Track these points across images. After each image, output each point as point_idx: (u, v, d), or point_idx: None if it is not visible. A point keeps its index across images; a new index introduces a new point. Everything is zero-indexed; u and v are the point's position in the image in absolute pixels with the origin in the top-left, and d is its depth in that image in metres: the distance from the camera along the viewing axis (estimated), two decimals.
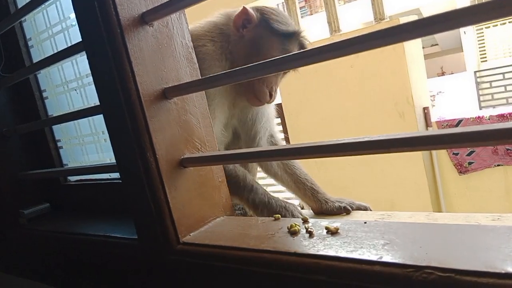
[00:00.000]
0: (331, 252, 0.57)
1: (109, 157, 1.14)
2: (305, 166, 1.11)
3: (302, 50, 0.59)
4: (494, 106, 10.18)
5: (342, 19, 3.88)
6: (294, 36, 1.06)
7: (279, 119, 3.98)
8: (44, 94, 1.23)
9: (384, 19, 3.59)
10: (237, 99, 1.08)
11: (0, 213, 1.22)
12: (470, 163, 3.34)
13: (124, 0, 0.71)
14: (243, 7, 1.03)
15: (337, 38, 3.74)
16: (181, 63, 0.80)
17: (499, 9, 0.41)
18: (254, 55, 1.02)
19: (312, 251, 0.59)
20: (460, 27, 0.47)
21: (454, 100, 11.87)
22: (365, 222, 0.66)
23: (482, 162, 3.29)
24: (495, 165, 3.25)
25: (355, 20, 11.00)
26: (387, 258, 0.53)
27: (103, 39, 0.71)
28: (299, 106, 3.93)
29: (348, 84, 3.64)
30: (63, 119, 1.03)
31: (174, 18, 0.79)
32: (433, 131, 0.53)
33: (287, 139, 3.81)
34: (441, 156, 3.50)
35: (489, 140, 0.47)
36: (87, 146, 1.19)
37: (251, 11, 1.03)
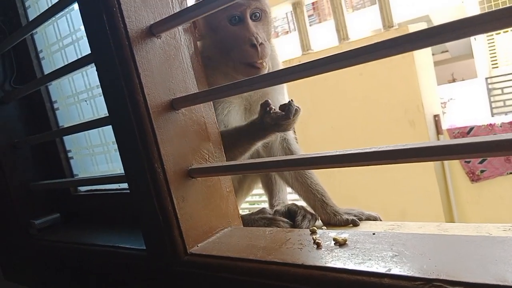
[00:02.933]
0: (338, 264, 0.57)
1: (118, 167, 1.15)
2: (317, 173, 1.10)
3: (311, 60, 0.58)
4: (506, 113, 10.07)
5: (350, 27, 3.89)
6: None
7: None
8: (55, 105, 1.25)
9: (393, 26, 3.58)
10: (252, 104, 1.08)
11: (11, 224, 1.23)
12: (482, 171, 3.29)
13: (132, 12, 0.72)
14: None
15: (345, 46, 3.74)
16: (189, 74, 0.80)
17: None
18: (216, 39, 0.98)
19: (319, 263, 0.59)
20: (471, 36, 0.46)
21: (466, 107, 11.77)
22: (374, 233, 0.65)
23: (494, 170, 3.24)
24: (507, 173, 3.20)
25: (364, 27, 10.99)
26: (396, 270, 0.52)
27: (112, 51, 0.72)
28: (308, 114, 3.92)
29: (357, 92, 3.63)
30: (73, 130, 1.04)
31: (181, 30, 0.80)
32: (443, 141, 0.52)
33: None
34: (453, 164, 3.46)
35: (499, 151, 0.46)
36: (97, 156, 1.20)
37: None
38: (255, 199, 4.21)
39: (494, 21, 0.42)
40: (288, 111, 0.81)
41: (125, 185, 1.08)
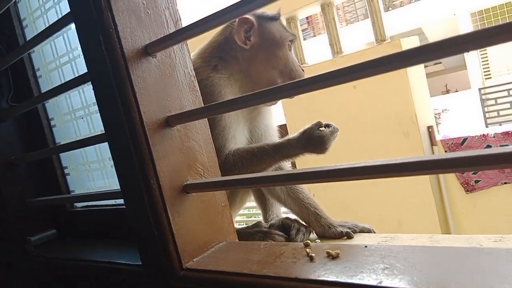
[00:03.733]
0: (331, 277, 0.58)
1: (115, 183, 1.15)
2: (310, 185, 1.11)
3: (305, 77, 0.61)
4: (500, 123, 10.15)
5: (344, 41, 3.93)
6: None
7: None
8: (52, 123, 1.26)
9: (385, 40, 3.63)
10: (249, 121, 1.11)
11: (8, 240, 1.23)
12: (476, 182, 3.31)
13: (128, 33, 0.74)
14: (239, 18, 1.04)
15: (339, 60, 3.79)
16: (184, 92, 0.82)
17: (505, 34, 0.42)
18: (273, 53, 1.08)
19: (313, 276, 0.60)
20: (463, 52, 0.48)
21: (460, 118, 11.87)
22: (366, 246, 0.66)
23: (488, 180, 3.26)
24: (502, 183, 3.22)
25: (358, 41, 11.11)
26: (387, 282, 0.53)
27: (108, 71, 0.74)
28: (303, 126, 3.95)
29: (351, 104, 3.66)
30: (70, 147, 1.06)
31: (176, 49, 0.82)
32: (435, 156, 0.54)
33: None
34: (448, 174, 3.49)
35: (490, 165, 0.48)
36: (93, 172, 1.21)
37: (249, 16, 1.06)
38: (252, 212, 4.21)
39: (485, 38, 0.44)
40: (334, 126, 0.95)
41: (121, 201, 1.08)
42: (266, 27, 1.09)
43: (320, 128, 0.94)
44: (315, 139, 0.93)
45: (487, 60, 12.69)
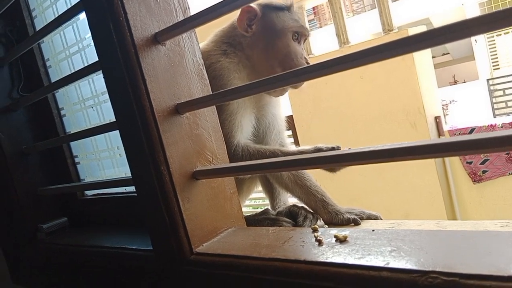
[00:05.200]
0: (339, 260, 0.59)
1: (124, 171, 1.17)
2: (318, 175, 1.12)
3: (311, 64, 0.61)
4: (508, 114, 10.07)
5: (351, 31, 3.92)
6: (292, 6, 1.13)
7: (290, 130, 4.01)
8: (62, 112, 1.28)
9: (392, 30, 3.61)
10: (258, 109, 1.12)
11: (20, 228, 1.26)
12: (484, 172, 3.31)
13: (138, 21, 0.75)
14: (243, 7, 1.05)
15: (346, 50, 3.77)
16: (193, 80, 0.83)
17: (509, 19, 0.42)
18: (272, 43, 1.08)
19: (321, 258, 0.61)
20: (469, 37, 0.48)
21: (468, 109, 11.79)
22: (373, 230, 0.67)
23: (496, 171, 3.25)
24: (509, 173, 3.22)
25: (364, 31, 11.03)
26: (394, 264, 0.54)
27: (118, 59, 0.75)
28: (310, 118, 3.95)
29: (358, 95, 3.66)
30: (80, 135, 1.07)
31: (185, 37, 0.82)
32: (434, 139, 0.55)
33: None
34: (455, 165, 3.48)
35: (492, 147, 0.48)
36: (103, 161, 1.23)
37: (252, 5, 1.07)
38: (259, 203, 4.23)
39: (488, 23, 0.44)
40: None
41: (131, 188, 1.10)
42: (269, 16, 1.09)
43: None
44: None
45: (496, 51, 12.56)
